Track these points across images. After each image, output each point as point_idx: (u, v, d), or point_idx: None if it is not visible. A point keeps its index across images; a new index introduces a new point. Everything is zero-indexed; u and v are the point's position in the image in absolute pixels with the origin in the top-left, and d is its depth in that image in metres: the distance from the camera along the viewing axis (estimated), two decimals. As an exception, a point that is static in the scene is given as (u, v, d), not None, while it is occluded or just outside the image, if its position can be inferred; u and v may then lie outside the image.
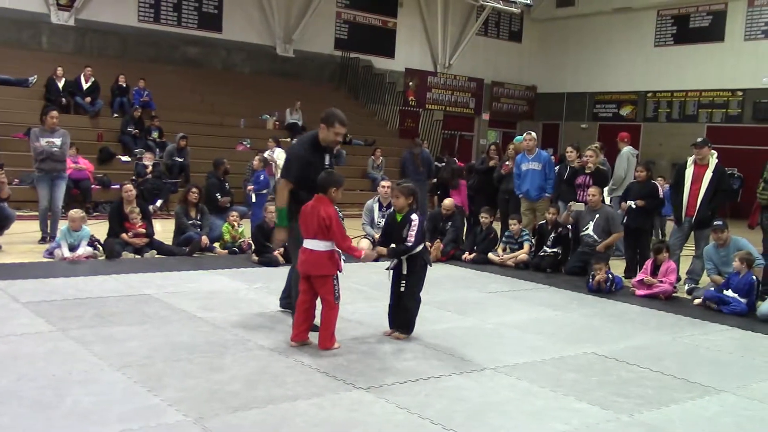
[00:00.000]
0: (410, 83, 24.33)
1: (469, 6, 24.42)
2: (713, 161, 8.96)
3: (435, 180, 13.11)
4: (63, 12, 17.86)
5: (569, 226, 9.93)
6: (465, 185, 11.95)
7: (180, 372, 4.75)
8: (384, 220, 10.20)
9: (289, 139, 18.36)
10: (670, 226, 11.39)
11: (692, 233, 9.17)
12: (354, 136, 19.47)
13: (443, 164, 13.57)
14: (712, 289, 7.99)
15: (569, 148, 10.81)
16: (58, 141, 9.79)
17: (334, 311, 5.48)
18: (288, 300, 6.45)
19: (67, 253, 8.57)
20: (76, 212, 8.98)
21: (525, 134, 10.99)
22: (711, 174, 8.86)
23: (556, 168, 11.02)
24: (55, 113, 10.04)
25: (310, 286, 5.53)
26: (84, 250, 8.69)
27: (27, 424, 3.82)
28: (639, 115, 24.23)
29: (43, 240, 9.60)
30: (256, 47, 21.14)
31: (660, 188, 10.04)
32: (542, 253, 9.80)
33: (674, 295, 8.35)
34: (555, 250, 9.77)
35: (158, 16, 19.43)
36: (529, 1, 23.94)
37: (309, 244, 5.43)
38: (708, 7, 22.52)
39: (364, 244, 9.84)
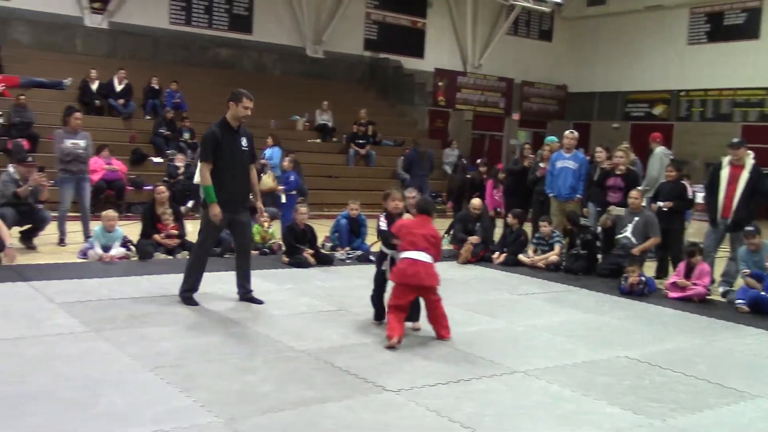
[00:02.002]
0: (440, 83, 24.26)
1: (499, 5, 24.27)
2: (749, 162, 8.81)
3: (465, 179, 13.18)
4: (96, 15, 18.10)
5: (599, 230, 9.85)
6: (491, 185, 11.99)
7: (212, 373, 4.80)
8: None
9: (318, 141, 18.51)
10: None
11: (727, 235, 9.05)
12: (384, 137, 19.48)
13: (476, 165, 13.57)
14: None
15: (599, 149, 10.69)
16: (82, 143, 9.89)
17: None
18: (189, 292, 6.74)
19: (100, 252, 8.69)
20: (111, 212, 9.10)
21: (567, 132, 10.88)
22: (747, 175, 8.71)
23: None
24: (78, 114, 10.10)
25: (413, 294, 5.91)
26: (117, 251, 8.80)
27: (62, 424, 3.88)
28: (672, 115, 23.91)
29: (62, 242, 9.67)
30: (287, 48, 21.23)
31: (688, 188, 9.90)
32: (575, 252, 9.68)
33: (708, 297, 8.23)
34: (585, 251, 9.66)
35: (189, 18, 19.60)
36: (559, 0, 23.74)
37: (419, 255, 5.83)
38: (743, 4, 22.15)
39: None
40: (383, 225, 6.37)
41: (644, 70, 24.38)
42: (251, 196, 7.08)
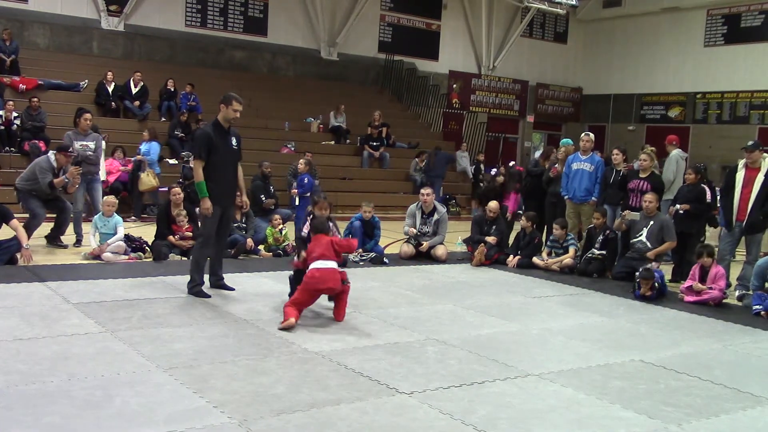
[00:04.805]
0: (454, 85, 24.24)
1: (514, 7, 24.24)
2: (765, 164, 8.73)
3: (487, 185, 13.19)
4: (113, 18, 18.23)
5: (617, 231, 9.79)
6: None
7: (225, 374, 4.81)
8: (425, 226, 10.31)
9: (332, 143, 18.53)
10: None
11: (743, 238, 8.98)
12: (398, 139, 19.48)
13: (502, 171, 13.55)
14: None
15: (615, 151, 10.60)
16: (92, 144, 9.96)
17: None
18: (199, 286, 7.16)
19: (94, 244, 8.85)
20: (110, 198, 9.39)
21: (583, 134, 10.85)
22: (763, 177, 8.63)
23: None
24: (88, 115, 10.15)
25: (317, 296, 6.48)
26: (117, 240, 8.85)
27: (77, 424, 3.90)
28: (688, 117, 23.76)
29: (78, 243, 9.72)
30: (301, 51, 21.28)
31: (707, 192, 9.83)
32: (590, 255, 9.64)
33: (724, 301, 8.17)
34: (603, 252, 9.60)
35: (205, 20, 19.70)
36: (574, 2, 23.65)
37: (325, 264, 6.34)
38: (760, 6, 21.97)
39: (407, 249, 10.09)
40: (305, 231, 7.08)
41: (660, 73, 24.25)
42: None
